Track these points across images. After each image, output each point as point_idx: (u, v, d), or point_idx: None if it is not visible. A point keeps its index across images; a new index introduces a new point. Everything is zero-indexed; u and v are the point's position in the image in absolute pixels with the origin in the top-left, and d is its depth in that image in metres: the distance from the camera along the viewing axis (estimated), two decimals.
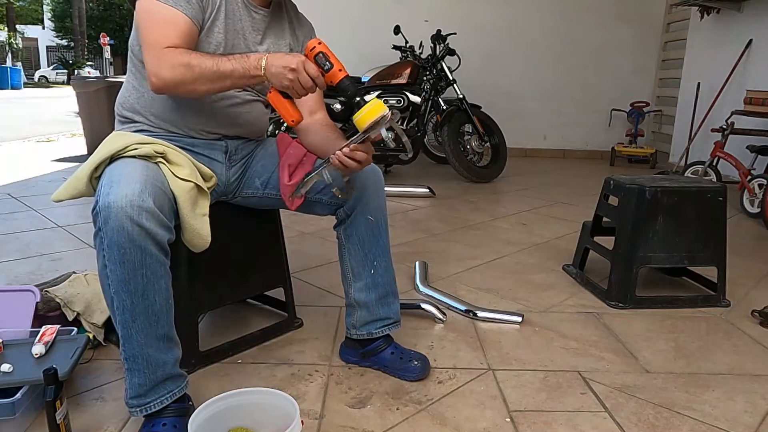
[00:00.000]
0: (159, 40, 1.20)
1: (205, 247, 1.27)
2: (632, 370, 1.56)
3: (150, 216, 1.08)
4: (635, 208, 1.97)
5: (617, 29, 5.84)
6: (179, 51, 1.19)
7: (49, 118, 9.32)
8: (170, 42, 1.20)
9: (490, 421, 1.31)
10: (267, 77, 1.18)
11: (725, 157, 3.81)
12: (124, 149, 1.19)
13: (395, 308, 1.54)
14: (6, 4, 25.62)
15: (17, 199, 3.41)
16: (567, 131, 6.10)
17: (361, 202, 1.42)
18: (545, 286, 2.20)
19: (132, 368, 1.14)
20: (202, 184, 1.27)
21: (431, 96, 4.35)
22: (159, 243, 1.11)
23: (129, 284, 1.09)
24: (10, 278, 2.10)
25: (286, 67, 1.16)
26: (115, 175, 1.12)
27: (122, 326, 1.12)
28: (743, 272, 2.39)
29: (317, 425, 1.28)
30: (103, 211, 1.06)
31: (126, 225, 1.06)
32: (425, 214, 3.33)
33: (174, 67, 1.17)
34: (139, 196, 1.07)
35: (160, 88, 1.21)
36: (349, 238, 1.47)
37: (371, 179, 1.43)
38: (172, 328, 1.19)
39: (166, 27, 1.21)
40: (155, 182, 1.14)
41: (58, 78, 26.01)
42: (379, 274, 1.48)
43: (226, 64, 1.18)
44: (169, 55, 1.18)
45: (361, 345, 1.53)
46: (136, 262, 1.08)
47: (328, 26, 5.63)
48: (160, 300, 1.14)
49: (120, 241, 1.06)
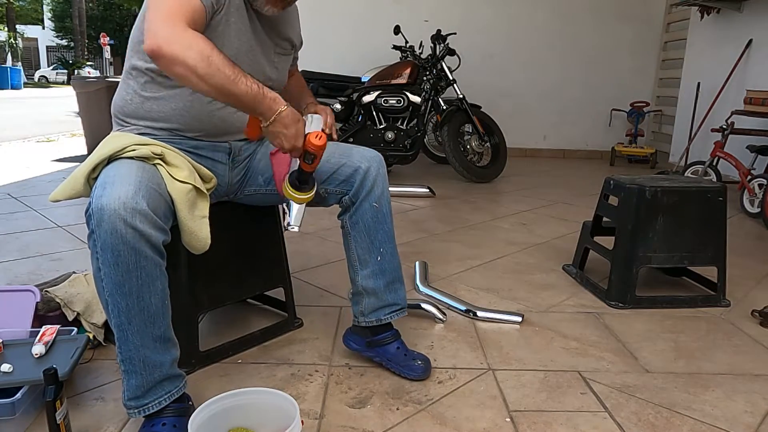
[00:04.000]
0: (175, 9, 1.11)
1: (204, 250, 1.26)
2: (632, 370, 1.56)
3: (144, 218, 1.07)
4: (635, 208, 1.98)
5: (617, 29, 5.84)
6: (203, 38, 1.11)
7: (49, 118, 9.32)
8: (185, 17, 1.12)
9: (490, 421, 1.31)
10: (268, 125, 1.19)
11: (725, 157, 3.81)
12: (122, 150, 1.18)
13: (402, 294, 1.54)
14: (6, 4, 25.62)
15: (17, 199, 3.41)
16: (567, 131, 6.10)
17: (366, 189, 1.44)
18: (545, 286, 2.20)
19: (129, 370, 1.14)
20: (201, 186, 1.26)
21: (431, 96, 4.36)
22: (154, 245, 1.10)
23: (123, 286, 1.08)
24: (10, 278, 2.10)
25: (282, 140, 1.20)
26: (110, 176, 1.11)
27: (118, 328, 1.12)
28: (743, 272, 2.39)
29: (317, 425, 1.28)
30: (96, 214, 1.05)
31: (119, 227, 1.04)
32: (425, 214, 3.33)
33: (190, 48, 1.07)
34: (132, 198, 1.06)
35: (158, 54, 1.08)
36: (355, 226, 1.47)
37: (375, 166, 1.45)
38: (169, 329, 1.19)
39: (182, 3, 1.13)
40: (150, 184, 1.13)
41: (58, 78, 26.01)
42: (386, 261, 1.49)
43: (242, 85, 1.12)
44: (190, 33, 1.10)
45: (370, 333, 1.53)
46: (131, 264, 1.07)
47: (329, 26, 5.69)
48: (156, 302, 1.13)
49: (113, 244, 1.05)
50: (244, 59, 1.31)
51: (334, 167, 1.45)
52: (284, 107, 1.19)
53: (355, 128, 4.28)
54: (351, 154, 1.47)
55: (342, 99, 4.32)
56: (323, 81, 4.44)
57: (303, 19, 1.57)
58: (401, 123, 4.32)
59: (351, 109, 4.34)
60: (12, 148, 5.76)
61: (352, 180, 1.44)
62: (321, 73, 4.57)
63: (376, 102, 4.24)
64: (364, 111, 4.31)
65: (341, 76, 4.63)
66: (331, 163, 1.45)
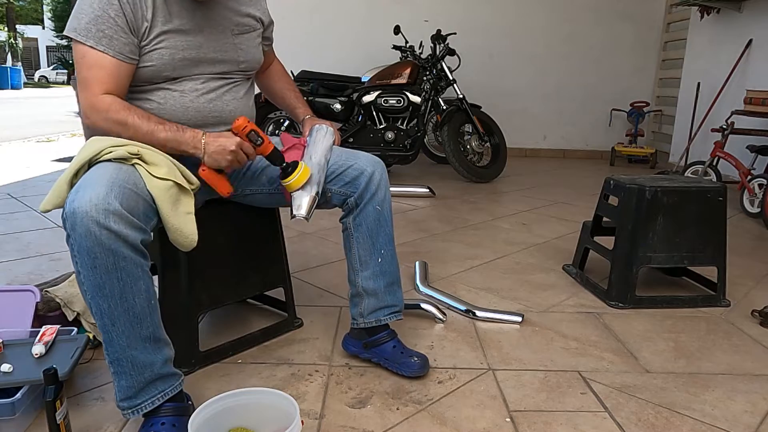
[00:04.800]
0: (92, 84, 1.24)
1: (191, 247, 1.25)
2: (632, 370, 1.56)
3: (117, 218, 1.07)
4: (635, 208, 1.98)
5: (617, 29, 5.84)
6: (117, 106, 1.24)
7: (49, 118, 9.32)
8: (103, 86, 1.24)
9: (490, 421, 1.31)
10: (204, 155, 1.26)
11: (725, 157, 3.81)
12: (99, 154, 1.18)
13: (399, 297, 1.57)
14: (6, 4, 25.61)
15: (17, 199, 3.41)
16: (567, 131, 6.10)
17: (371, 192, 1.46)
18: (545, 286, 2.20)
19: (118, 371, 1.14)
20: (183, 182, 1.24)
21: (431, 96, 4.35)
22: (132, 245, 1.09)
23: (104, 288, 1.08)
24: (10, 278, 2.10)
25: (225, 150, 1.25)
26: (85, 180, 1.12)
27: (103, 330, 1.11)
28: (743, 272, 2.39)
29: (317, 425, 1.28)
30: (69, 218, 1.06)
31: (93, 229, 1.04)
32: (425, 214, 3.33)
33: (107, 120, 1.24)
34: (104, 199, 1.06)
35: (92, 128, 1.26)
36: (358, 227, 1.49)
37: (379, 171, 1.48)
38: (159, 329, 1.18)
39: (96, 71, 1.24)
40: (125, 184, 1.12)
41: (58, 78, 26.01)
42: (386, 262, 1.51)
43: (161, 133, 1.24)
44: (105, 105, 1.23)
45: (367, 334, 1.54)
46: (109, 265, 1.07)
47: (329, 26, 5.69)
48: (141, 302, 1.12)
49: (89, 246, 1.05)
50: (197, 52, 1.34)
51: (340, 168, 1.46)
52: (202, 132, 1.28)
53: (355, 128, 4.29)
54: (357, 157, 1.49)
55: (342, 99, 4.31)
56: (323, 81, 4.44)
57: (303, 19, 1.58)
58: (401, 123, 4.32)
59: (351, 109, 4.34)
60: (12, 148, 5.76)
61: (357, 182, 1.46)
62: (321, 73, 4.57)
63: (376, 102, 4.24)
64: (364, 111, 4.31)
65: (341, 76, 4.64)
66: (337, 165, 1.47)
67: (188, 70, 1.34)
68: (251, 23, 1.48)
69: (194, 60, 1.34)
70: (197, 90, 1.36)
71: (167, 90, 1.33)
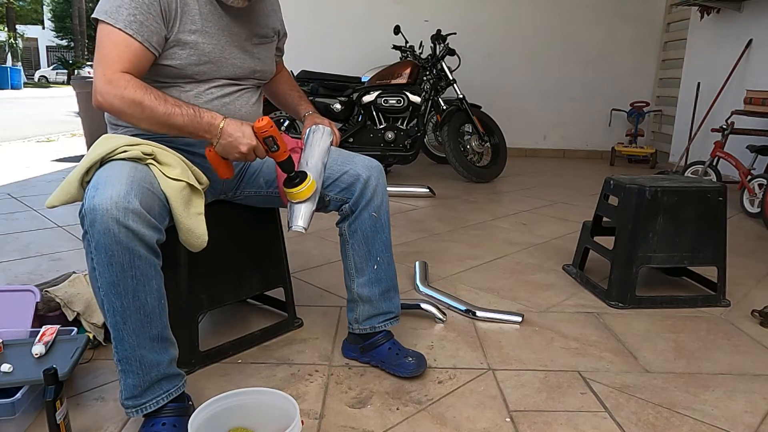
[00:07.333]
0: (113, 61, 1.19)
1: (202, 247, 1.25)
2: (632, 370, 1.56)
3: (136, 217, 1.07)
4: (635, 208, 1.98)
5: (617, 29, 5.85)
6: (136, 84, 1.18)
7: (49, 118, 9.32)
8: (124, 65, 1.19)
9: (490, 421, 1.31)
10: (218, 142, 1.21)
11: (725, 156, 3.81)
12: (113, 152, 1.18)
13: (396, 302, 1.56)
14: (6, 4, 25.61)
15: (17, 199, 3.41)
16: (567, 131, 6.10)
17: (366, 199, 1.44)
18: (545, 286, 2.20)
19: (125, 370, 1.14)
20: (195, 183, 1.25)
21: (431, 96, 4.35)
22: (147, 244, 1.10)
23: (118, 286, 1.08)
24: (10, 278, 2.10)
25: (236, 148, 1.20)
26: (102, 178, 1.11)
27: (114, 328, 1.12)
28: (743, 272, 2.39)
29: (317, 425, 1.28)
30: (89, 214, 1.06)
31: (112, 227, 1.05)
32: (425, 214, 3.33)
33: (123, 98, 1.16)
34: (124, 197, 1.06)
35: (101, 107, 1.19)
36: (354, 234, 1.48)
37: (375, 176, 1.46)
38: (166, 329, 1.19)
39: (122, 48, 1.19)
40: (143, 183, 1.13)
41: (58, 78, 25.99)
42: (381, 269, 1.50)
43: (178, 117, 1.18)
44: (123, 81, 1.17)
45: (362, 339, 1.54)
46: (125, 264, 1.07)
47: (329, 26, 5.69)
48: (152, 301, 1.13)
49: (107, 244, 1.05)
50: (220, 56, 1.33)
51: (336, 174, 1.45)
52: (223, 118, 1.22)
53: (355, 128, 4.28)
54: (353, 161, 1.47)
55: (342, 99, 4.31)
56: (323, 81, 4.44)
57: (303, 19, 1.58)
58: (401, 123, 4.32)
59: (351, 109, 4.34)
60: (12, 148, 5.76)
61: (353, 188, 1.45)
62: (321, 73, 4.57)
63: (376, 102, 4.24)
64: (364, 111, 4.31)
65: (341, 76, 4.63)
66: (333, 170, 1.45)
67: (208, 73, 1.34)
68: (270, 34, 1.49)
69: (216, 63, 1.34)
70: (212, 93, 1.36)
71: (183, 89, 1.32)
